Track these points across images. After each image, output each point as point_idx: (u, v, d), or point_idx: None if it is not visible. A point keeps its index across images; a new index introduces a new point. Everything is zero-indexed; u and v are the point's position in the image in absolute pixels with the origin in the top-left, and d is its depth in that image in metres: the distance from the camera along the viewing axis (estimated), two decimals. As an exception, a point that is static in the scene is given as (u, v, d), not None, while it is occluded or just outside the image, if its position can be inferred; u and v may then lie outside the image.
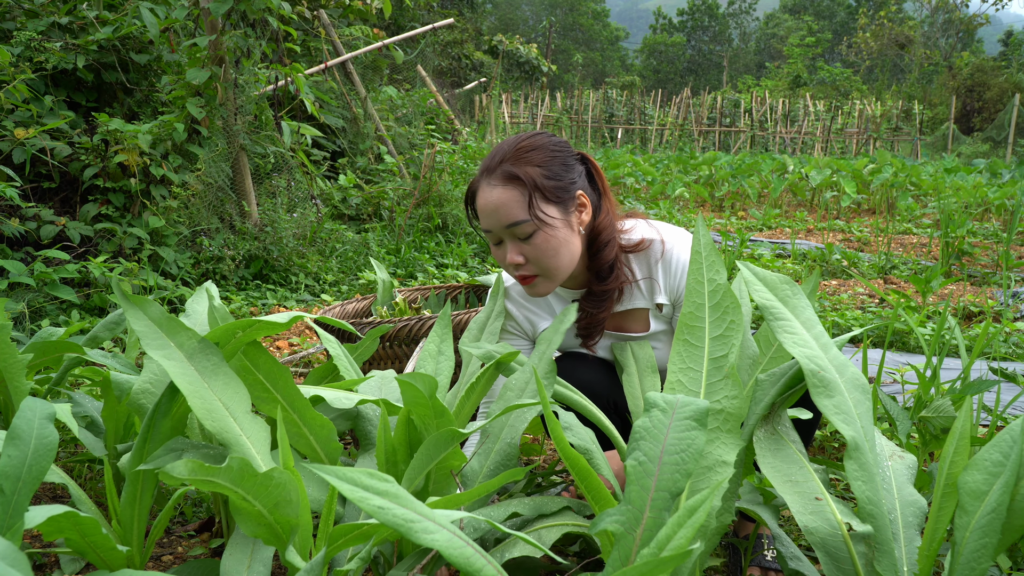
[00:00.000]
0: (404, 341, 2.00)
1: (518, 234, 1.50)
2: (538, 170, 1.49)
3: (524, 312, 1.70)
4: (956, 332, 2.15)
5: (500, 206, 1.48)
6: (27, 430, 1.08)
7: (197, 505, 1.82)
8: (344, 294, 4.29)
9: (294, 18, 4.79)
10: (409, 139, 7.07)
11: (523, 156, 1.50)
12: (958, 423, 1.15)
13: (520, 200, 1.48)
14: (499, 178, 1.49)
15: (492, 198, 1.49)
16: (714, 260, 1.26)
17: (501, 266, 1.58)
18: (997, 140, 21.62)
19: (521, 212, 1.48)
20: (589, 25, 64.76)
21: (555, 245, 1.51)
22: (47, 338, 1.85)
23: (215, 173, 4.21)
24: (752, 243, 6.16)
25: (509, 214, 1.48)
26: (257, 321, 1.29)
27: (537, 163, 1.50)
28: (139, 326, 1.24)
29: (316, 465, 0.96)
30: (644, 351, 1.58)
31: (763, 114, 24.21)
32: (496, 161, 1.51)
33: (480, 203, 1.52)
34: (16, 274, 3.20)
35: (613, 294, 1.60)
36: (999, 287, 4.61)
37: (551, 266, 1.52)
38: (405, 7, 13.85)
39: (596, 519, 1.01)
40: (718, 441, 1.15)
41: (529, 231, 1.49)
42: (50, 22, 4.26)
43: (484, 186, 1.51)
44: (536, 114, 21.21)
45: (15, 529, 1.00)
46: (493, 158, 1.53)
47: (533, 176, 1.48)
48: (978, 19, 40.15)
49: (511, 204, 1.48)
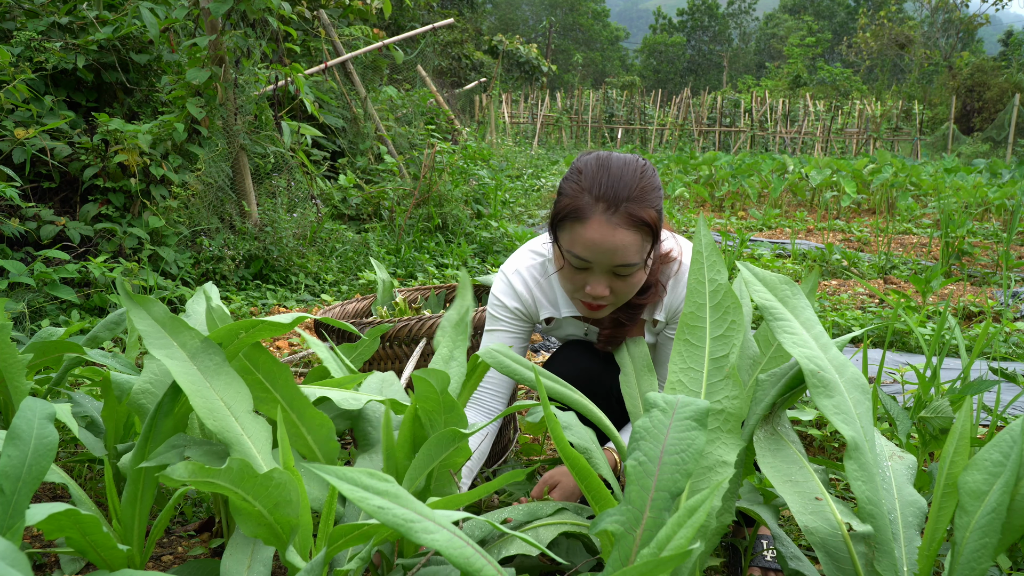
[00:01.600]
0: (404, 341, 2.00)
1: (620, 272, 1.44)
2: (655, 214, 1.43)
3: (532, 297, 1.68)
4: (956, 332, 2.15)
5: (620, 249, 1.40)
6: (27, 430, 1.08)
7: (197, 505, 1.82)
8: (344, 294, 4.29)
9: (294, 18, 4.79)
10: (409, 139, 7.07)
11: (645, 197, 1.42)
12: (958, 423, 1.15)
13: (640, 246, 1.42)
14: (624, 219, 1.40)
15: (615, 239, 1.40)
16: (715, 260, 1.26)
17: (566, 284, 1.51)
18: (997, 140, 21.61)
19: (637, 257, 1.43)
20: (589, 25, 64.75)
21: (641, 280, 1.49)
22: (47, 338, 1.85)
23: (215, 173, 4.21)
24: (752, 243, 6.16)
25: (626, 257, 1.42)
26: (261, 322, 1.29)
27: (655, 205, 1.43)
28: (142, 325, 1.24)
29: (316, 465, 0.97)
30: (640, 349, 1.58)
31: (763, 114, 24.21)
32: (620, 196, 1.40)
33: (592, 237, 1.40)
34: (16, 274, 3.20)
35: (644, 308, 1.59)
36: (999, 287, 4.61)
37: (627, 299, 1.51)
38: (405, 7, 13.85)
39: (596, 519, 1.01)
40: (718, 441, 1.15)
41: (632, 271, 1.45)
42: (50, 22, 4.25)
43: (602, 221, 1.40)
44: (536, 114, 21.20)
45: (15, 529, 1.00)
46: (613, 190, 1.40)
47: (655, 221, 1.42)
48: (978, 19, 40.13)
49: (631, 249, 1.41)
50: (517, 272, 1.68)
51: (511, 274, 1.68)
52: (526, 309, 1.69)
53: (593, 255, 1.42)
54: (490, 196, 6.53)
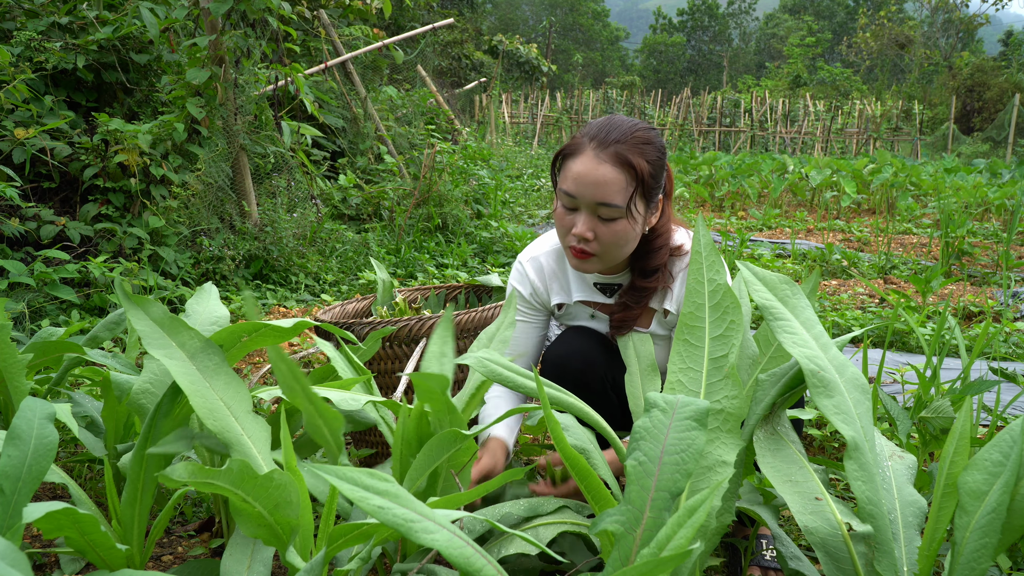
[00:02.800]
0: (404, 341, 2.00)
1: (603, 214, 1.50)
2: (648, 167, 1.50)
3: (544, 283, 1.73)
4: (956, 332, 2.15)
5: (603, 183, 1.47)
6: (27, 430, 1.08)
7: (197, 505, 1.82)
8: (344, 294, 4.29)
9: (294, 18, 4.79)
10: (409, 139, 7.07)
11: (639, 147, 1.50)
12: (958, 423, 1.15)
13: (624, 187, 1.48)
14: (612, 156, 1.47)
15: (598, 172, 1.47)
16: (714, 260, 1.26)
17: (559, 229, 1.58)
18: (997, 140, 21.61)
19: (619, 198, 1.48)
20: (589, 25, 64.74)
21: (629, 237, 1.53)
22: (47, 338, 1.85)
23: (215, 173, 4.21)
24: (752, 243, 6.16)
25: (607, 194, 1.48)
26: (264, 326, 1.29)
27: (648, 159, 1.50)
28: (141, 326, 1.24)
29: (316, 465, 0.97)
30: (645, 348, 1.58)
31: (763, 114, 24.21)
32: (611, 138, 1.49)
33: (579, 169, 1.49)
34: (16, 274, 3.20)
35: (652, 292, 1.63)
36: (999, 287, 4.61)
37: (613, 253, 1.54)
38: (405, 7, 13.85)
39: (596, 519, 1.01)
40: (718, 441, 1.15)
41: (615, 216, 1.50)
42: (50, 22, 4.25)
43: (591, 155, 1.49)
44: (536, 114, 21.19)
45: (15, 529, 1.00)
46: (607, 132, 1.50)
47: (643, 171, 1.49)
48: (978, 19, 40.13)
49: (614, 186, 1.47)
50: (532, 259, 1.73)
51: (525, 262, 1.74)
52: (538, 296, 1.74)
53: (578, 187, 1.49)
54: (490, 196, 6.53)
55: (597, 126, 1.53)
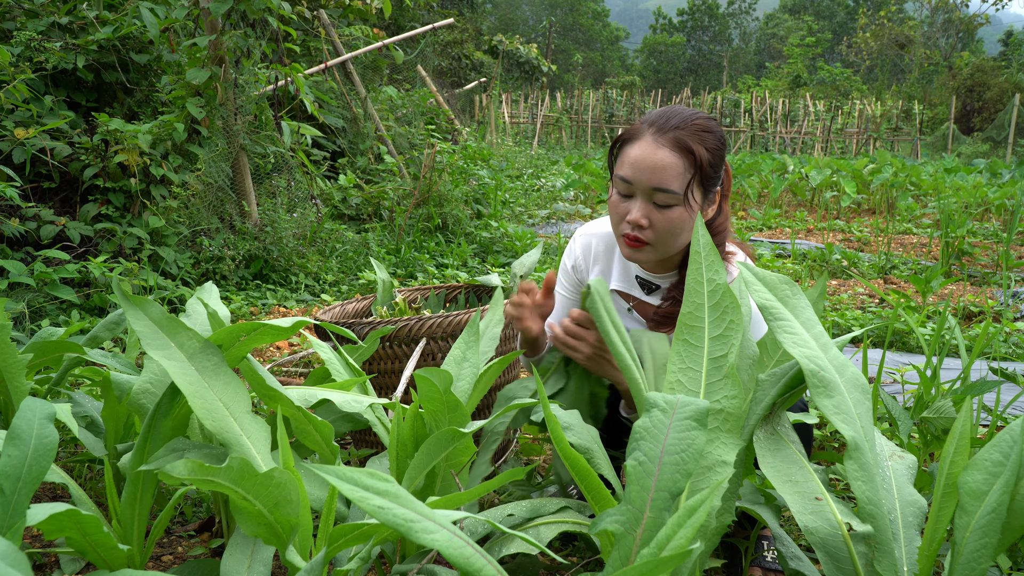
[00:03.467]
0: (404, 341, 2.00)
1: (659, 200, 1.49)
2: (707, 154, 1.49)
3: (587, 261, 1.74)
4: (956, 332, 2.15)
5: (661, 168, 1.47)
6: (27, 430, 1.08)
7: (197, 505, 1.82)
8: (344, 294, 4.29)
9: (294, 18, 4.79)
10: (409, 139, 7.07)
11: (699, 134, 1.49)
12: (958, 423, 1.15)
13: (682, 173, 1.47)
14: (671, 141, 1.47)
15: (656, 156, 1.47)
16: (714, 260, 1.26)
17: (612, 217, 1.57)
18: (997, 140, 21.61)
19: (677, 184, 1.47)
20: (589, 25, 64.73)
21: (684, 226, 1.52)
22: (47, 338, 1.85)
23: (215, 173, 4.21)
24: (752, 243, 6.16)
25: (665, 179, 1.47)
26: (263, 325, 1.29)
27: (708, 147, 1.50)
28: (140, 326, 1.24)
29: (316, 465, 0.97)
30: (661, 347, 1.56)
31: (763, 114, 24.21)
32: (671, 124, 1.49)
33: (637, 154, 1.49)
34: (16, 274, 3.20)
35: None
36: (999, 287, 4.61)
37: (667, 242, 1.53)
38: (405, 7, 13.85)
39: (596, 519, 1.01)
40: (718, 441, 1.15)
41: (671, 203, 1.49)
42: (50, 22, 4.25)
43: (650, 140, 1.49)
44: (536, 114, 21.19)
45: (15, 529, 1.00)
46: (667, 118, 1.51)
47: (702, 157, 1.48)
48: (978, 19, 40.13)
49: (672, 171, 1.47)
50: (584, 235, 1.75)
51: (579, 236, 1.76)
52: (578, 272, 1.75)
53: (635, 172, 1.48)
54: (490, 196, 6.53)
55: (657, 113, 1.53)
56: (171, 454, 1.23)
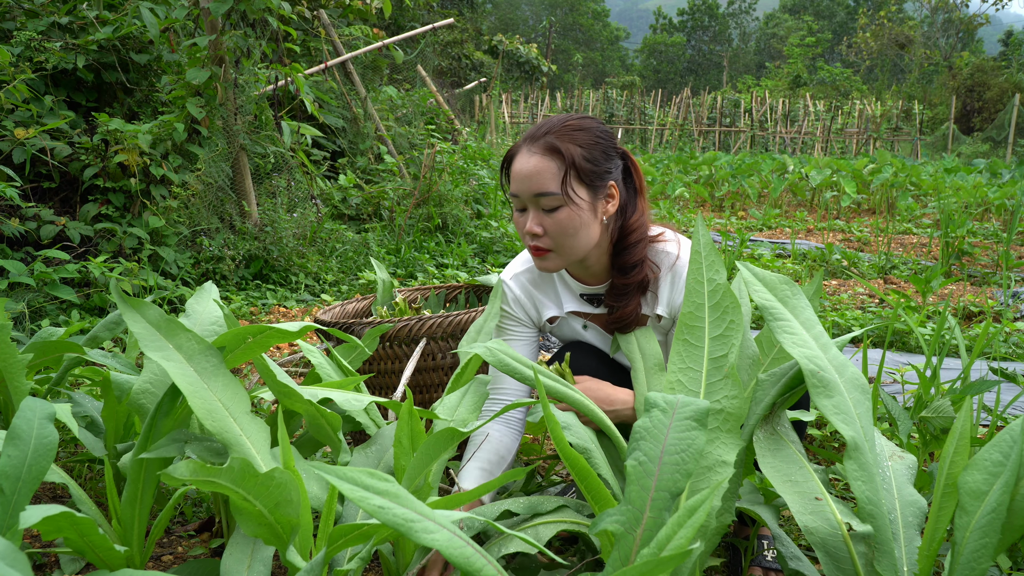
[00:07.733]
0: (404, 341, 2.00)
1: (544, 205, 1.52)
2: (579, 150, 1.52)
3: (532, 299, 1.72)
4: (956, 332, 2.15)
5: (534, 174, 1.51)
6: (27, 430, 1.08)
7: (197, 505, 1.82)
8: (344, 294, 4.29)
9: (294, 18, 4.79)
10: (409, 139, 7.07)
11: (568, 133, 1.53)
12: (958, 423, 1.15)
13: (555, 173, 1.50)
14: (540, 147, 1.52)
15: (528, 165, 1.52)
16: (714, 260, 1.26)
17: (519, 233, 1.61)
18: (997, 140, 21.60)
19: (553, 184, 1.50)
20: (589, 25, 64.72)
21: (576, 225, 1.53)
22: (47, 338, 1.85)
23: (215, 173, 4.21)
24: (752, 243, 6.16)
25: (541, 183, 1.50)
26: (269, 328, 1.30)
27: (580, 143, 1.52)
28: (137, 328, 1.24)
29: (316, 465, 0.97)
30: (651, 346, 1.56)
31: (763, 114, 24.21)
32: (542, 131, 1.54)
33: (515, 167, 1.55)
34: (16, 274, 3.20)
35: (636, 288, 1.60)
36: (999, 287, 4.61)
37: (566, 244, 1.54)
38: (405, 7, 13.85)
39: (596, 519, 1.01)
40: (718, 441, 1.15)
41: (555, 204, 1.51)
42: (50, 22, 4.25)
43: (524, 151, 1.54)
44: (536, 114, 21.19)
45: (15, 529, 1.00)
46: (539, 128, 1.56)
47: (573, 154, 1.51)
48: (978, 19, 40.13)
49: (545, 174, 1.50)
50: (513, 277, 1.72)
51: (507, 280, 1.72)
52: (527, 314, 1.72)
53: (517, 185, 1.54)
54: (490, 196, 6.53)
55: (534, 127, 1.58)
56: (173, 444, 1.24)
